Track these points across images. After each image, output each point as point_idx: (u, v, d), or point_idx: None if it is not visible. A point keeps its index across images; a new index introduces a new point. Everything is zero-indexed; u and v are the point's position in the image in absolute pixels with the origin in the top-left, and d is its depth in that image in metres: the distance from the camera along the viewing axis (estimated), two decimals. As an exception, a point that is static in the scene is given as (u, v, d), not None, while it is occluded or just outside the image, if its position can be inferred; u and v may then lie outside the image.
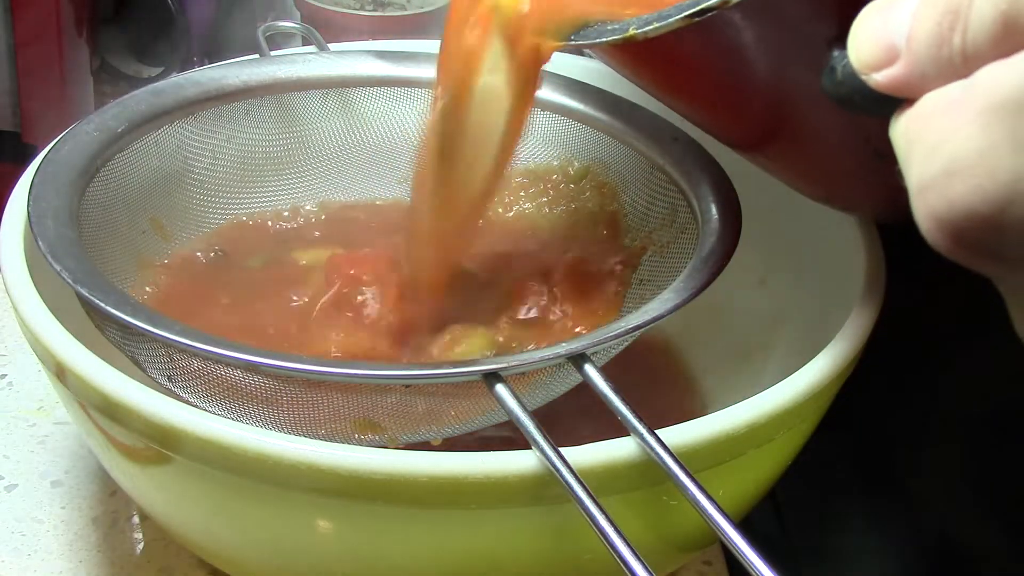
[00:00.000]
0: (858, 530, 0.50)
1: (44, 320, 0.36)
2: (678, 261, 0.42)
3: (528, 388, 0.35)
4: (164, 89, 0.48)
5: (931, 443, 0.47)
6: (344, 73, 0.53)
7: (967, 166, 0.22)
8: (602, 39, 0.31)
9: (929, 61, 0.23)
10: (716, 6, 0.27)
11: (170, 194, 0.48)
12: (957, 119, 0.22)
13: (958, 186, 0.22)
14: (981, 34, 0.22)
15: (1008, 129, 0.21)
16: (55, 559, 0.45)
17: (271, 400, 0.35)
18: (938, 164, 0.23)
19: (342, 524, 0.34)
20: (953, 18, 0.23)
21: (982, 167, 0.22)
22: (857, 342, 0.37)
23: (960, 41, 0.23)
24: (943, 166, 0.22)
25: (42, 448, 0.51)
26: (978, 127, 0.22)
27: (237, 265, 0.48)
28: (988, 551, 0.45)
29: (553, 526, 0.33)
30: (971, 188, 0.22)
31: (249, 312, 0.44)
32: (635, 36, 0.29)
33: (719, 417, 0.33)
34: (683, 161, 0.45)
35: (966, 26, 0.22)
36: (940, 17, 0.23)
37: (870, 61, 0.25)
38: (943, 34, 0.23)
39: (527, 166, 0.51)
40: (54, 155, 0.41)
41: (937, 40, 0.23)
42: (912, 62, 0.24)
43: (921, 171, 0.23)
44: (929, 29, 0.23)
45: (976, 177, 0.22)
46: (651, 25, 0.29)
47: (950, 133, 0.22)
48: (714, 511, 0.29)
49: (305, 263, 0.48)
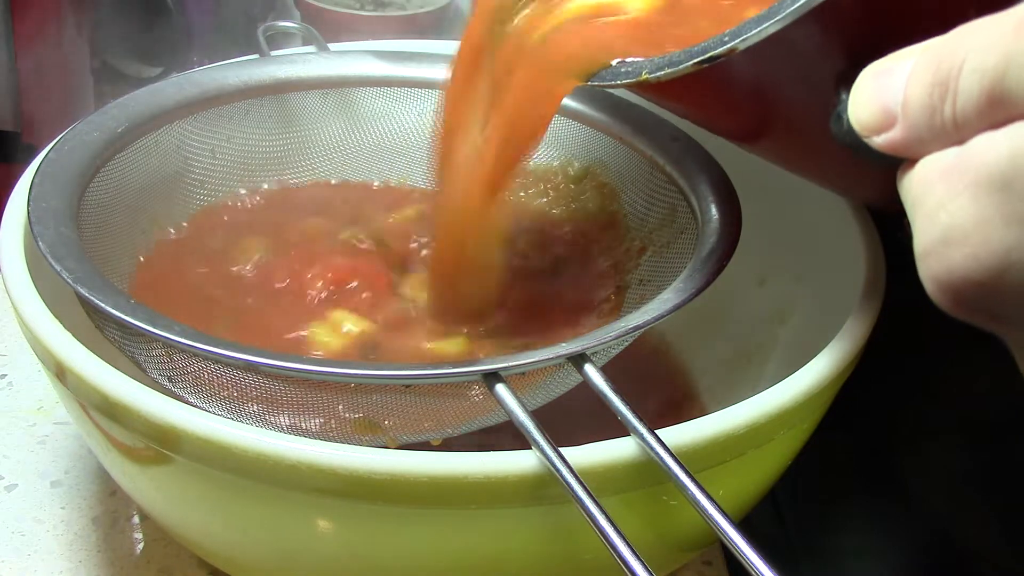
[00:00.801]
0: (858, 530, 0.50)
1: (44, 320, 0.36)
2: (678, 261, 0.42)
3: (528, 388, 0.35)
4: (164, 89, 0.48)
5: (931, 443, 0.47)
6: (344, 73, 0.53)
7: (962, 236, 0.23)
8: (616, 82, 0.32)
9: (924, 128, 0.24)
10: (723, 54, 0.29)
11: (170, 194, 0.48)
12: (951, 188, 0.23)
13: (955, 255, 0.23)
14: (969, 106, 0.23)
15: (997, 203, 0.22)
16: (55, 559, 0.45)
17: (271, 400, 0.35)
18: (936, 232, 0.24)
19: (342, 524, 0.34)
20: (943, 90, 0.23)
21: (976, 238, 0.23)
22: (857, 342, 0.37)
23: (951, 112, 0.23)
24: (941, 235, 0.24)
25: (42, 448, 0.51)
26: (970, 198, 0.23)
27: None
28: (988, 551, 0.45)
29: (553, 526, 0.33)
30: (967, 257, 0.23)
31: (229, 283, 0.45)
32: (647, 80, 0.31)
33: (719, 417, 0.33)
34: (683, 161, 0.45)
35: (955, 98, 0.23)
36: (931, 88, 0.24)
37: (870, 124, 0.26)
38: (934, 104, 0.24)
39: (527, 166, 0.51)
40: (54, 155, 0.41)
41: (929, 110, 0.24)
42: (908, 128, 0.25)
43: (922, 237, 0.24)
44: (921, 99, 0.24)
45: (971, 247, 0.23)
46: (663, 71, 0.30)
47: (946, 201, 0.23)
48: (714, 511, 0.29)
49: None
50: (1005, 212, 0.22)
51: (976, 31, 0.23)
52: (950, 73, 0.23)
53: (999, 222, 0.22)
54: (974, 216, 0.23)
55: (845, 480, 0.52)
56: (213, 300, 0.44)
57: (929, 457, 0.48)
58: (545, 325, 0.42)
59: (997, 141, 0.23)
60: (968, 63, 0.23)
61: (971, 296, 0.24)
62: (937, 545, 0.47)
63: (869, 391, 0.40)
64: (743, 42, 0.28)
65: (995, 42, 0.22)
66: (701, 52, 0.29)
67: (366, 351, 0.41)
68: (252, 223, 0.49)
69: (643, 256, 0.46)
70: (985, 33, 0.23)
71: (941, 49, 0.24)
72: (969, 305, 0.24)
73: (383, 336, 0.42)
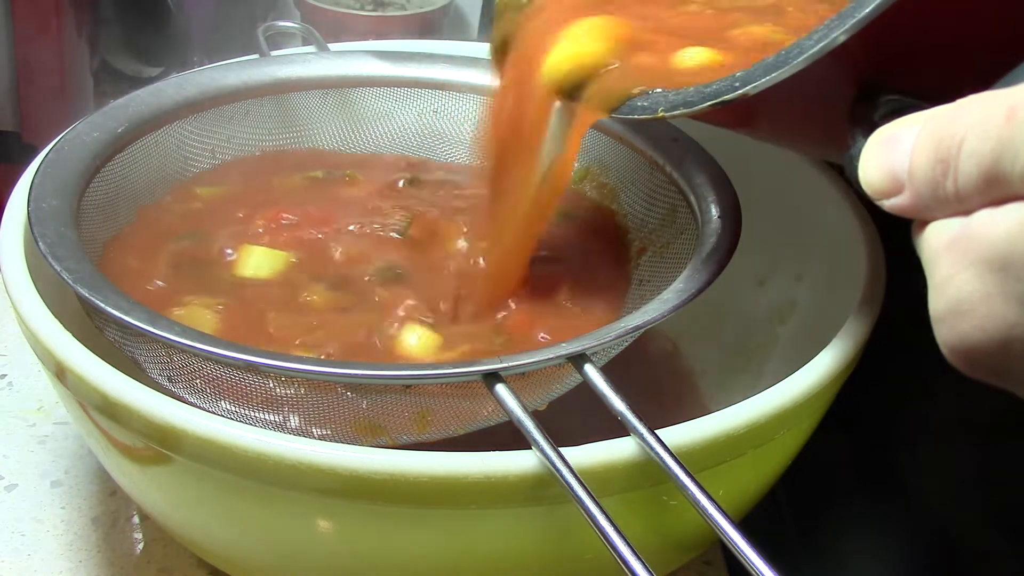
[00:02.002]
0: (858, 530, 0.50)
1: (44, 320, 0.36)
2: (678, 261, 0.42)
3: (528, 388, 0.35)
4: (164, 89, 0.48)
5: (931, 443, 0.47)
6: (344, 73, 0.53)
7: (969, 309, 0.25)
8: (633, 116, 0.34)
9: (929, 198, 0.26)
10: (734, 99, 0.31)
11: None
12: (957, 262, 0.25)
13: (964, 325, 0.25)
14: (969, 185, 0.24)
15: (998, 282, 0.24)
16: (55, 559, 0.45)
17: (270, 400, 0.35)
18: (945, 303, 0.25)
19: (342, 524, 0.34)
20: (944, 167, 0.25)
21: (981, 312, 0.24)
22: (857, 342, 0.37)
23: (953, 188, 0.25)
24: (950, 305, 0.25)
25: (42, 448, 0.51)
26: (974, 275, 0.24)
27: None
28: (988, 551, 0.45)
29: (553, 526, 0.33)
30: (975, 328, 0.25)
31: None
32: (663, 117, 0.33)
33: (719, 417, 0.33)
34: (683, 161, 0.45)
35: (956, 176, 0.24)
36: (933, 164, 0.25)
37: (879, 189, 0.27)
38: (937, 179, 0.25)
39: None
40: (54, 155, 0.41)
41: (933, 184, 0.25)
42: (915, 196, 0.26)
43: (934, 305, 0.26)
44: (926, 173, 0.25)
45: (978, 320, 0.24)
46: (677, 110, 0.33)
47: (953, 275, 0.25)
48: (714, 511, 0.29)
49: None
50: (1006, 290, 0.24)
51: (973, 109, 0.24)
52: (950, 152, 0.25)
53: (1001, 299, 0.24)
54: (979, 292, 0.24)
55: (845, 480, 0.52)
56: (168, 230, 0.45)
57: (929, 457, 0.48)
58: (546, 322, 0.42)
59: (996, 222, 0.24)
60: (966, 145, 0.24)
61: (982, 361, 0.25)
62: (937, 545, 0.47)
63: (869, 391, 0.40)
64: (753, 88, 0.30)
65: (990, 129, 0.23)
66: (713, 96, 0.31)
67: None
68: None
69: (643, 256, 0.46)
70: (981, 115, 0.24)
71: (941, 123, 0.25)
72: (981, 369, 0.26)
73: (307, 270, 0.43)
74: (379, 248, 0.45)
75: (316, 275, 0.43)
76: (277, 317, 0.41)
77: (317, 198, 0.49)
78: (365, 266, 0.44)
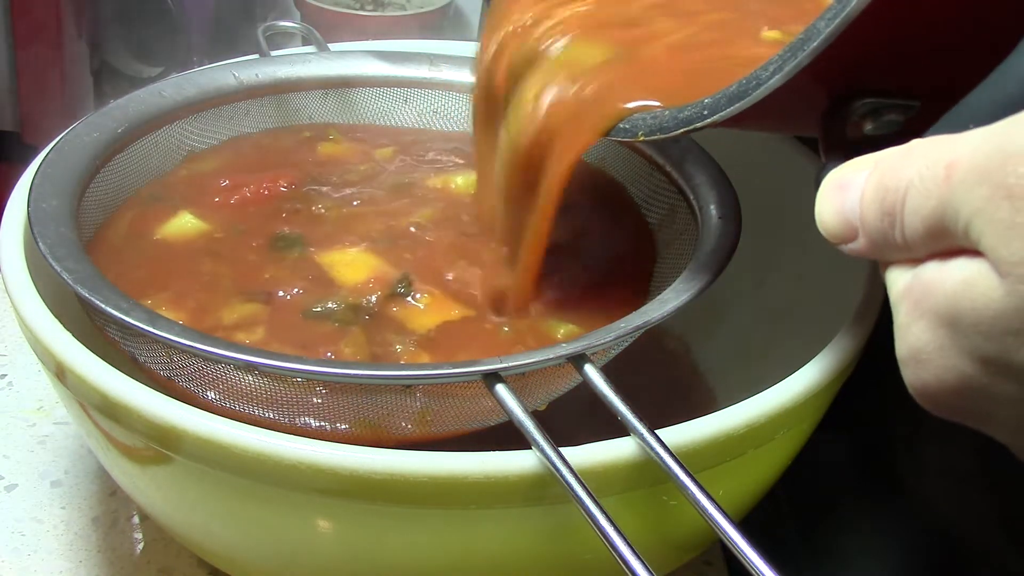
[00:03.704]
0: (858, 530, 0.50)
1: (44, 320, 0.36)
2: (678, 261, 0.42)
3: (528, 388, 0.35)
4: (164, 89, 0.48)
5: (931, 443, 0.47)
6: (344, 73, 0.53)
7: (927, 359, 0.25)
8: (615, 138, 0.37)
9: (882, 245, 0.26)
10: (704, 126, 0.33)
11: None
12: (911, 312, 0.25)
13: (923, 373, 0.25)
14: (916, 238, 0.25)
15: (949, 336, 0.24)
16: (55, 559, 0.45)
17: (270, 400, 0.35)
18: (906, 349, 0.26)
19: (342, 524, 0.34)
20: (891, 219, 0.25)
21: (937, 363, 0.25)
22: (857, 342, 0.37)
23: (901, 239, 0.25)
24: (910, 353, 0.26)
25: (42, 448, 0.51)
26: (927, 327, 0.25)
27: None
28: (988, 551, 0.45)
29: (553, 526, 0.33)
30: (933, 376, 0.25)
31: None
32: (642, 139, 0.36)
33: (719, 417, 0.33)
34: (683, 161, 0.45)
35: (902, 228, 0.25)
36: (881, 216, 0.26)
37: (835, 235, 0.28)
38: (885, 230, 0.26)
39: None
40: (54, 155, 0.41)
41: (883, 233, 0.26)
42: (869, 243, 0.27)
43: (898, 349, 0.26)
44: (875, 223, 0.26)
45: (935, 369, 0.25)
46: (655, 135, 0.35)
47: (910, 322, 0.26)
48: (714, 511, 0.29)
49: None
50: (958, 344, 0.24)
51: (916, 159, 0.25)
52: (895, 207, 0.25)
53: (955, 352, 0.24)
54: (933, 344, 0.25)
55: (845, 480, 0.52)
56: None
57: (929, 457, 0.48)
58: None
59: (943, 277, 0.24)
60: (909, 202, 0.25)
61: (944, 404, 0.26)
62: (937, 545, 0.47)
63: (868, 391, 0.40)
64: (720, 117, 0.32)
65: (930, 188, 0.24)
66: (685, 123, 0.34)
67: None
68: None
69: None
70: (922, 171, 0.24)
71: (886, 174, 0.26)
72: (945, 411, 0.26)
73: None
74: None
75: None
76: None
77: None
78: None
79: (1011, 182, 0.22)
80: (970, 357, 0.24)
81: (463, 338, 0.40)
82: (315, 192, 0.47)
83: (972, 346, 0.24)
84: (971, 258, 0.23)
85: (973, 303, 0.23)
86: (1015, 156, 0.22)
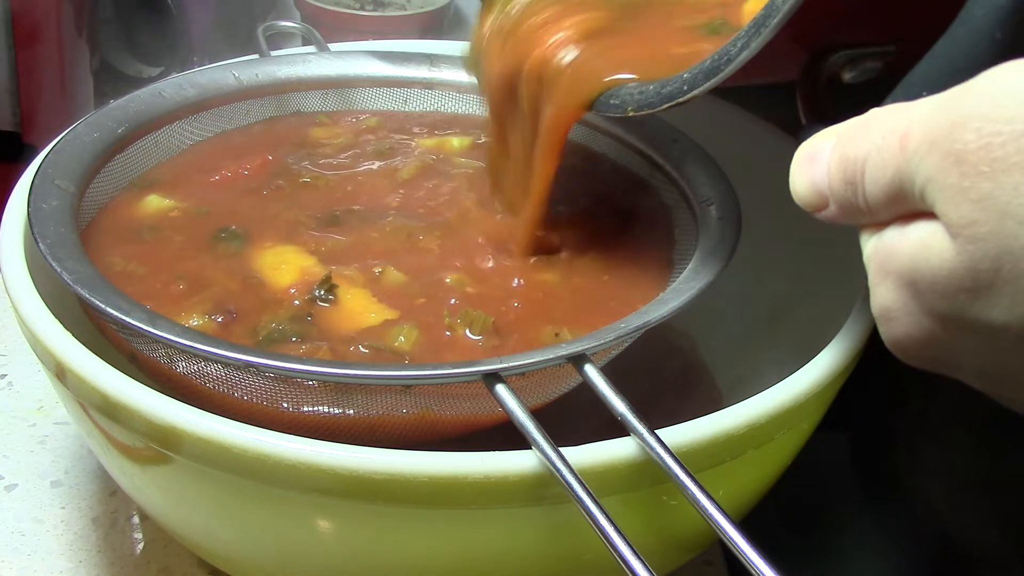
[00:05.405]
0: (858, 530, 0.50)
1: (44, 320, 0.36)
2: (678, 261, 0.42)
3: (528, 388, 0.35)
4: (164, 89, 0.48)
5: (931, 443, 0.47)
6: (344, 73, 0.53)
7: (895, 316, 0.27)
8: (605, 112, 0.39)
9: (849, 211, 0.28)
10: (685, 100, 0.35)
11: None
12: (878, 272, 0.27)
13: (893, 329, 0.27)
14: (878, 204, 0.27)
15: (911, 295, 0.26)
16: (55, 559, 0.45)
17: (270, 400, 0.35)
18: (877, 307, 0.28)
19: (342, 524, 0.34)
20: (853, 188, 0.27)
21: (904, 320, 0.27)
22: (857, 342, 0.37)
23: (864, 205, 0.27)
24: (880, 311, 0.28)
25: (42, 448, 0.51)
26: (892, 287, 0.27)
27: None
28: (988, 551, 0.45)
29: (553, 526, 0.33)
30: (902, 333, 0.27)
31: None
32: (630, 115, 0.38)
33: (719, 417, 0.33)
34: (683, 161, 0.45)
35: (864, 196, 0.27)
36: (844, 186, 0.28)
37: (808, 204, 0.30)
38: (850, 198, 0.28)
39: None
40: (54, 155, 0.41)
41: (848, 201, 0.28)
42: (838, 210, 0.29)
43: (872, 306, 0.28)
44: (840, 191, 0.28)
45: (903, 326, 0.27)
46: (643, 110, 0.37)
47: (878, 282, 0.27)
48: (714, 511, 0.29)
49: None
50: (919, 303, 0.26)
51: (873, 129, 0.26)
52: (856, 177, 0.27)
53: (917, 310, 0.26)
54: (899, 303, 0.27)
55: (845, 480, 0.52)
56: None
57: (929, 457, 0.48)
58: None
59: (902, 240, 0.26)
60: (867, 172, 0.26)
61: (916, 356, 0.28)
62: (937, 545, 0.47)
63: (869, 391, 0.40)
64: (701, 91, 0.34)
65: (887, 159, 0.26)
66: (668, 98, 0.36)
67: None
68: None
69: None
70: (878, 141, 0.26)
71: (847, 145, 0.27)
72: (917, 362, 0.28)
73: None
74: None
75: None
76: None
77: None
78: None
79: (958, 148, 0.24)
80: (930, 315, 0.26)
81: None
82: (298, 167, 0.48)
83: (931, 304, 0.25)
84: (927, 221, 0.25)
85: (928, 263, 0.25)
86: (960, 124, 0.24)
